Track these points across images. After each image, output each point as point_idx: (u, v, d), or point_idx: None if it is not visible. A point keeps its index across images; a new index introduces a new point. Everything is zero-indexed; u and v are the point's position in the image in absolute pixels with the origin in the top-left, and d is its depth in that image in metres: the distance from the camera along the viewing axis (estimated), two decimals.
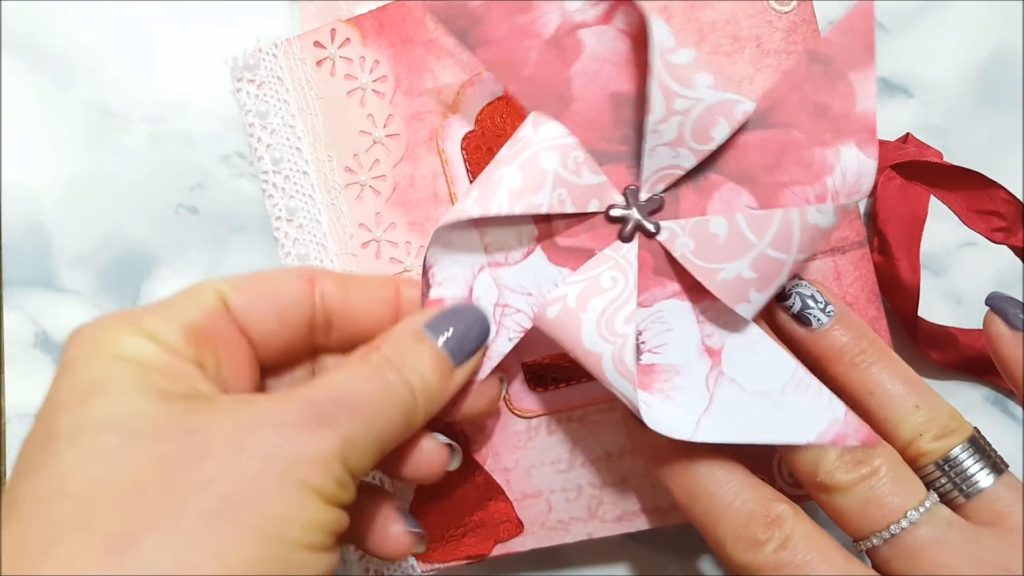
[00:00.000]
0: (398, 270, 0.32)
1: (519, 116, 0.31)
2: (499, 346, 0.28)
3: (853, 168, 0.25)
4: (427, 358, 0.25)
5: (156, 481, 0.20)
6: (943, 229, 0.33)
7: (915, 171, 0.30)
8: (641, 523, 0.31)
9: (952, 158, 0.33)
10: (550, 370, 0.31)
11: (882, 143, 0.30)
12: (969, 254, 0.34)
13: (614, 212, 0.27)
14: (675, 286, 0.27)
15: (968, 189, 0.29)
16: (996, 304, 0.26)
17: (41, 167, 0.36)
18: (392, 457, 0.26)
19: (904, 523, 0.24)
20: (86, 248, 0.36)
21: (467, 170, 0.32)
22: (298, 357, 0.27)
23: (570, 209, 0.26)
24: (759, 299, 0.26)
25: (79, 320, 0.36)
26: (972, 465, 0.25)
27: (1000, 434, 0.34)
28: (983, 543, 0.24)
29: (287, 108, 0.33)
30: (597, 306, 0.26)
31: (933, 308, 0.34)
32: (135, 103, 0.36)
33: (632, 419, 0.29)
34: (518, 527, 0.32)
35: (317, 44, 0.32)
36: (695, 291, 0.27)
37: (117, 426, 0.20)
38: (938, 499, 0.25)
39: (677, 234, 0.26)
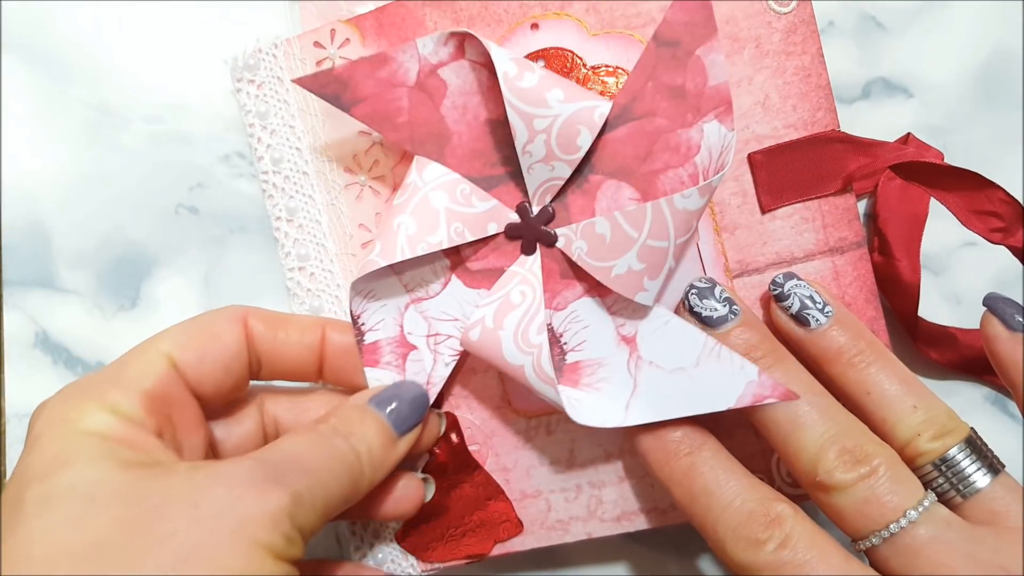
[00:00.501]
0: None
1: None
2: (439, 371, 0.30)
3: (717, 143, 0.27)
4: (373, 429, 0.27)
5: (116, 541, 0.21)
6: (943, 229, 0.33)
7: (914, 172, 0.30)
8: (640, 523, 0.31)
9: (952, 158, 0.33)
10: None
11: (882, 144, 0.30)
12: (969, 254, 0.34)
13: (512, 230, 0.29)
14: (583, 285, 0.29)
15: (966, 190, 0.29)
16: (993, 305, 0.26)
17: (41, 167, 0.36)
18: (370, 499, 0.28)
19: (903, 522, 0.24)
20: (86, 248, 0.36)
21: None
22: (240, 400, 0.29)
23: (469, 238, 0.29)
24: (654, 286, 0.27)
25: (79, 320, 0.36)
26: (969, 465, 0.25)
27: (1000, 434, 0.34)
28: (981, 542, 0.24)
29: (287, 108, 0.33)
30: (512, 322, 0.28)
31: (933, 308, 0.34)
32: (135, 103, 0.36)
33: None
34: (518, 527, 0.32)
35: (317, 44, 0.32)
36: (601, 286, 0.28)
37: (80, 494, 0.22)
38: (936, 499, 0.25)
39: (572, 238, 0.29)
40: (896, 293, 0.32)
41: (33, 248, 0.37)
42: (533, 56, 0.31)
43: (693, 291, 0.29)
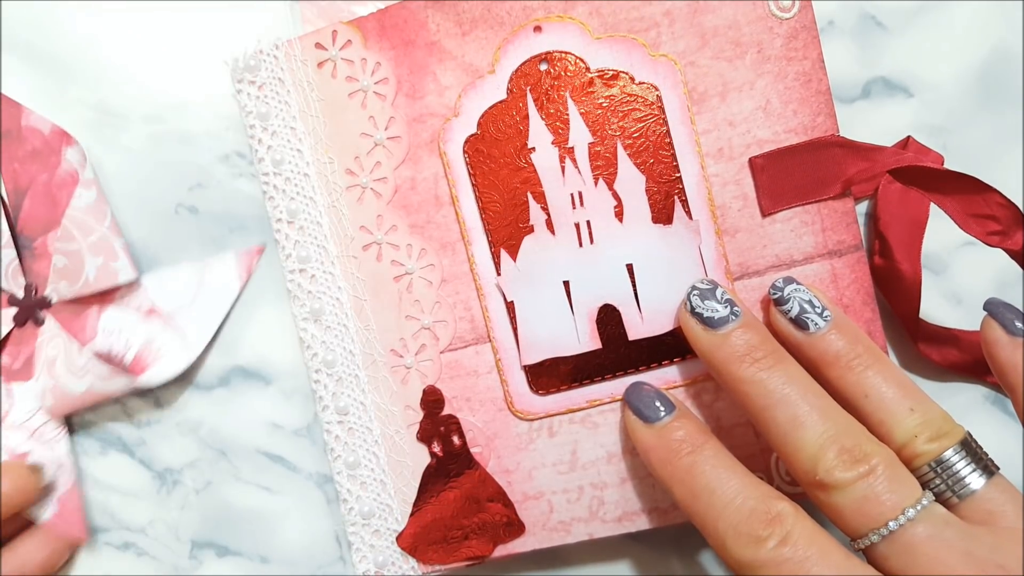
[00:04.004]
0: (399, 272, 0.32)
1: (522, 120, 0.31)
2: (60, 450, 0.35)
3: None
4: None
5: None
6: (943, 229, 0.33)
7: (912, 176, 0.30)
8: (642, 523, 0.32)
9: (952, 158, 0.33)
10: (552, 372, 0.32)
11: (881, 148, 0.30)
12: (969, 253, 0.34)
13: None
14: (94, 307, 0.35)
15: (964, 193, 0.30)
16: (994, 310, 0.27)
17: None
18: None
19: (902, 520, 0.24)
20: None
21: (469, 173, 0.32)
22: None
23: None
24: (122, 264, 0.34)
25: None
26: (964, 467, 0.25)
27: (1000, 434, 0.34)
28: (979, 540, 0.24)
29: (288, 110, 0.33)
30: (60, 368, 0.34)
31: (933, 308, 0.34)
32: (134, 103, 0.36)
33: (633, 419, 0.29)
34: (519, 528, 0.32)
35: (318, 46, 0.32)
36: (104, 297, 0.35)
37: None
38: (934, 498, 0.25)
39: (56, 288, 0.34)
40: (897, 295, 0.32)
41: None
42: (536, 59, 0.31)
43: (695, 292, 0.29)
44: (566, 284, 0.31)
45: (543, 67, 0.31)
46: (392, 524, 0.33)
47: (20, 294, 0.35)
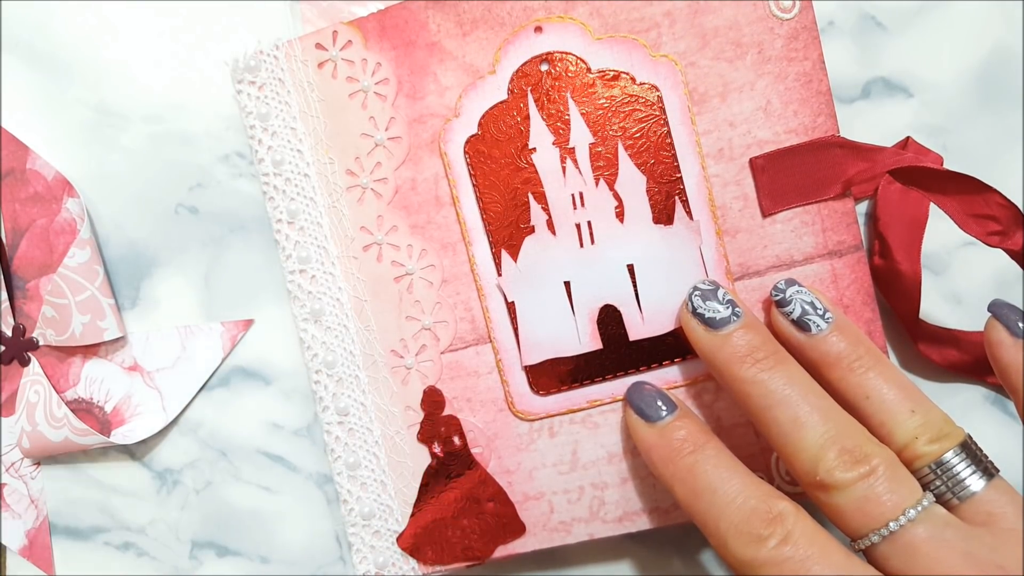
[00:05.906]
0: (400, 273, 0.32)
1: (523, 121, 0.31)
2: (35, 488, 0.37)
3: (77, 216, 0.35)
4: None
5: None
6: (943, 228, 0.33)
7: (912, 176, 0.30)
8: (643, 523, 0.32)
9: (952, 158, 0.33)
10: (553, 372, 0.32)
11: (881, 149, 0.30)
12: (969, 253, 0.34)
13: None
14: (78, 357, 0.36)
15: (964, 194, 0.30)
16: (998, 311, 0.27)
17: None
18: None
19: (902, 520, 0.24)
20: None
21: (470, 173, 0.32)
22: None
23: None
24: (110, 323, 0.35)
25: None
26: (964, 469, 0.25)
27: (1000, 434, 0.34)
28: (980, 541, 0.24)
29: (288, 110, 0.33)
30: (40, 415, 0.35)
31: (933, 307, 0.34)
32: (134, 103, 0.36)
33: (634, 418, 0.29)
34: (520, 529, 0.32)
35: (319, 46, 0.32)
36: (89, 352, 0.36)
37: None
38: (935, 499, 0.25)
39: (43, 333, 0.35)
40: (897, 295, 0.32)
41: None
42: (537, 59, 0.31)
43: (696, 293, 0.29)
44: (567, 284, 0.31)
45: (544, 67, 0.31)
46: (392, 525, 0.33)
47: (8, 333, 0.36)
